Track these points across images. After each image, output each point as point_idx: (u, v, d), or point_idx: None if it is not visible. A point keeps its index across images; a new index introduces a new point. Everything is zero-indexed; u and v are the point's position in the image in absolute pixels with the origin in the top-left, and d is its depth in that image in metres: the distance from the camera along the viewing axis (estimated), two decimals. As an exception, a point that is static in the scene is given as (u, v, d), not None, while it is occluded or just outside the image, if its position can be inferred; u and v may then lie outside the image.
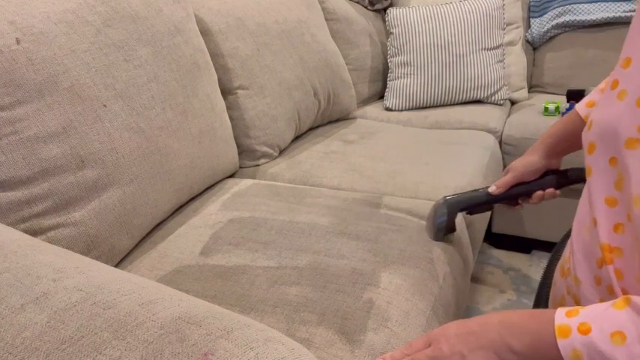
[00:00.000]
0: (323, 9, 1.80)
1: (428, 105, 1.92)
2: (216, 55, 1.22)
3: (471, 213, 0.95)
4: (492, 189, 0.91)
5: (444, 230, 0.93)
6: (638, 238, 0.50)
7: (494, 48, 1.91)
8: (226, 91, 1.25)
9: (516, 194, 0.90)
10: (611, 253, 0.55)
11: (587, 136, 0.57)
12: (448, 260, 0.91)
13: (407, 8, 1.93)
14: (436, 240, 0.93)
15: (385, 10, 2.15)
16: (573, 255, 0.61)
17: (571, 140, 0.84)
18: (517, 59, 2.07)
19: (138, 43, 0.92)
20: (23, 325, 0.43)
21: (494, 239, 1.92)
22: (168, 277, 0.81)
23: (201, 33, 1.18)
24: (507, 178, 0.90)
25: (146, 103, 0.90)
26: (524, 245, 1.87)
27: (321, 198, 1.07)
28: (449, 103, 1.93)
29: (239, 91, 1.26)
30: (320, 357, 0.64)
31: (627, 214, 0.52)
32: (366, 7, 2.12)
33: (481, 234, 1.27)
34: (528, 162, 0.88)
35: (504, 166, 1.70)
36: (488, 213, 1.46)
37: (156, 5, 0.99)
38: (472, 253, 1.12)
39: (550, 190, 0.89)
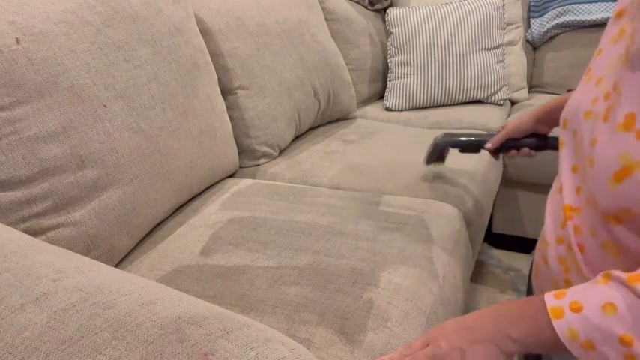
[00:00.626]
0: (323, 9, 1.80)
1: (428, 105, 1.92)
2: (216, 55, 1.22)
3: (461, 151, 1.10)
4: (489, 146, 1.04)
5: (434, 156, 1.10)
6: (591, 196, 0.57)
7: (494, 48, 1.91)
8: (226, 91, 1.25)
9: (505, 147, 1.03)
10: (571, 212, 0.62)
11: (562, 115, 0.67)
12: (448, 260, 0.91)
13: (407, 8, 1.93)
14: (426, 164, 1.13)
15: (385, 10, 2.15)
16: (545, 221, 0.68)
17: (559, 115, 0.91)
18: (517, 59, 2.07)
19: (138, 43, 0.92)
20: (23, 325, 0.43)
21: (494, 239, 1.92)
22: (168, 277, 0.81)
23: (201, 33, 1.18)
24: (500, 136, 1.03)
25: (146, 103, 0.90)
26: (524, 245, 1.87)
27: (320, 198, 1.07)
28: (449, 103, 1.93)
29: (239, 91, 1.26)
30: (320, 357, 0.64)
31: (583, 177, 0.59)
32: (366, 7, 2.12)
33: (481, 234, 1.27)
34: (519, 122, 1.00)
35: (504, 166, 1.70)
36: (489, 213, 1.46)
37: (156, 5, 0.99)
38: (472, 253, 1.12)
39: (525, 150, 1.01)
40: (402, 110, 1.92)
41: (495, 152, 1.05)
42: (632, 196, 0.52)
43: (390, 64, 1.94)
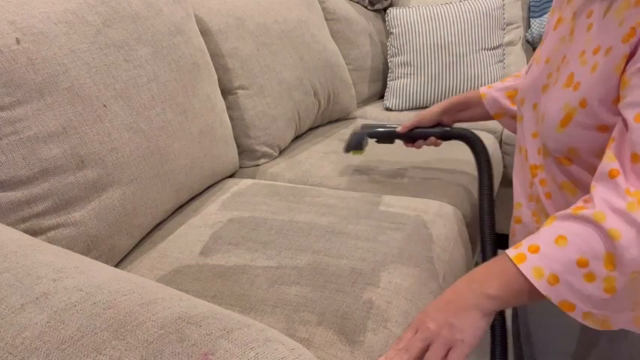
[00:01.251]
0: (323, 9, 1.80)
1: (428, 105, 1.92)
2: (216, 55, 1.22)
3: (378, 141, 1.18)
4: (399, 129, 1.13)
5: (352, 146, 1.17)
6: (544, 146, 0.69)
7: (494, 48, 1.91)
8: (226, 91, 1.25)
9: (412, 136, 1.12)
10: (536, 169, 0.73)
11: (518, 97, 0.79)
12: (448, 260, 0.91)
13: (407, 8, 1.93)
14: (345, 152, 1.20)
15: (385, 10, 2.15)
16: (513, 188, 0.79)
17: (464, 109, 1.08)
18: (517, 59, 2.07)
19: (138, 43, 0.92)
20: (23, 325, 0.43)
21: (495, 239, 1.92)
22: (168, 277, 0.81)
23: (201, 33, 1.18)
24: (410, 122, 1.12)
25: (146, 103, 0.90)
26: (524, 245, 1.87)
27: (320, 197, 1.07)
28: (449, 103, 1.93)
29: (239, 91, 1.26)
30: (320, 357, 0.64)
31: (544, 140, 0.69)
32: (366, 7, 2.12)
33: (481, 234, 1.27)
34: (427, 112, 1.10)
35: (504, 166, 1.70)
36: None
37: (156, 5, 0.99)
38: (472, 253, 1.12)
39: (432, 139, 1.11)
40: (402, 110, 1.92)
41: (406, 140, 1.14)
42: (575, 136, 0.63)
43: (390, 64, 1.94)
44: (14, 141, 0.70)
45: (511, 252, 0.58)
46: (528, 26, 2.17)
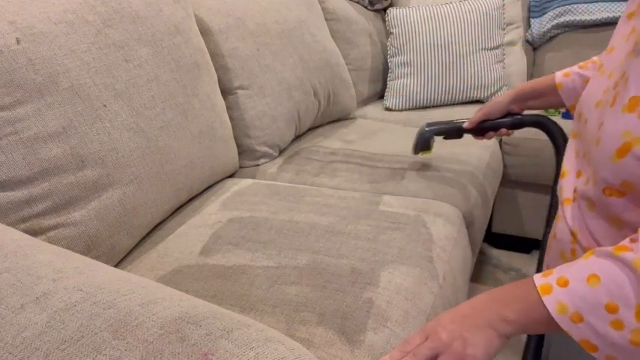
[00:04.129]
0: (323, 9, 1.80)
1: (428, 105, 1.92)
2: (216, 55, 1.22)
3: (445, 138, 1.17)
4: (466, 125, 1.10)
5: (420, 146, 1.17)
6: (593, 173, 0.62)
7: (494, 48, 1.91)
8: (226, 91, 1.25)
9: (481, 129, 1.09)
10: (575, 193, 0.67)
11: (577, 108, 0.71)
12: (448, 259, 0.91)
13: (407, 8, 1.93)
14: (414, 153, 1.20)
15: (385, 10, 2.15)
16: (558, 199, 0.73)
17: (536, 97, 1.01)
18: (517, 59, 2.07)
19: (138, 43, 0.92)
20: (23, 325, 0.43)
21: (494, 239, 1.92)
22: (168, 277, 0.81)
23: (201, 33, 1.18)
24: (477, 116, 1.08)
25: (146, 103, 0.90)
26: (524, 245, 1.87)
27: (320, 197, 1.07)
28: (449, 103, 1.93)
29: (239, 91, 1.26)
30: (320, 357, 0.64)
31: (588, 160, 0.64)
32: (366, 7, 2.12)
33: (481, 234, 1.27)
34: (494, 103, 1.06)
35: (504, 166, 1.70)
36: (489, 213, 1.46)
37: (156, 5, 0.99)
38: (472, 252, 1.12)
39: (502, 130, 1.07)
40: (401, 110, 1.92)
41: (475, 133, 1.11)
42: (632, 169, 0.56)
43: (390, 64, 1.94)
44: (14, 141, 0.70)
45: (538, 280, 0.55)
46: (528, 26, 2.17)
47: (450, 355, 0.55)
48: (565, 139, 1.01)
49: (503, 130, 1.07)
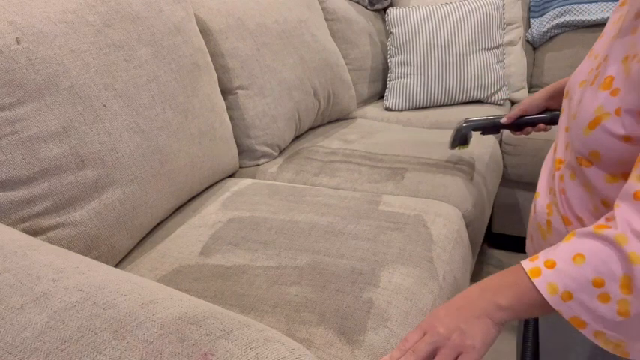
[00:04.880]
0: (323, 9, 1.80)
1: (428, 105, 1.92)
2: (216, 55, 1.22)
3: (483, 133, 1.21)
4: (504, 120, 1.12)
5: (458, 141, 1.22)
6: (569, 143, 0.68)
7: (494, 48, 1.91)
8: (226, 91, 1.25)
9: (518, 124, 1.10)
10: (560, 164, 0.71)
11: (565, 88, 0.76)
12: (448, 259, 0.91)
13: (407, 8, 1.93)
14: (451, 148, 1.24)
15: (385, 10, 2.15)
16: (540, 177, 0.78)
17: None
18: (517, 59, 2.07)
19: (138, 43, 0.92)
20: (23, 325, 0.43)
21: (494, 239, 1.92)
22: (168, 277, 0.81)
23: (201, 33, 1.18)
24: (515, 112, 1.10)
25: (146, 103, 0.90)
26: (524, 245, 1.87)
27: (320, 197, 1.07)
28: (449, 103, 1.93)
29: (239, 91, 1.26)
30: (320, 357, 0.64)
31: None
32: (366, 7, 2.12)
33: (481, 234, 1.27)
34: (533, 99, 1.06)
35: (504, 166, 1.70)
36: (489, 213, 1.46)
37: (156, 5, 0.99)
38: (472, 252, 1.12)
39: (540, 125, 1.08)
40: (402, 110, 1.92)
41: (513, 129, 1.11)
42: (600, 141, 0.61)
43: (390, 64, 1.94)
44: (14, 141, 0.70)
45: (527, 264, 0.57)
46: (528, 26, 2.17)
47: (450, 348, 0.57)
48: None
49: (541, 126, 1.08)
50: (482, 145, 1.46)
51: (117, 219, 0.83)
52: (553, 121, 1.07)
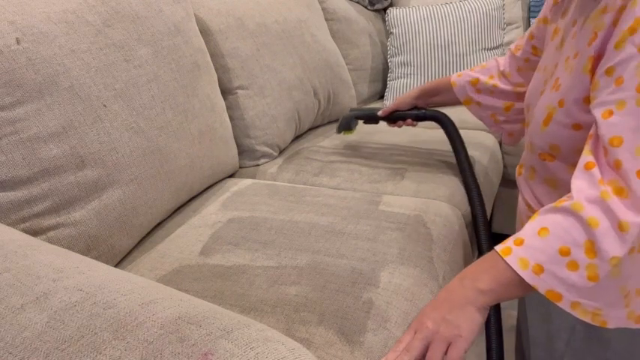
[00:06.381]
0: (323, 9, 1.80)
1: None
2: (216, 55, 1.22)
3: (365, 122, 1.36)
4: (380, 113, 1.27)
5: (342, 127, 1.34)
6: (530, 143, 0.77)
7: (495, 48, 1.91)
8: (226, 91, 1.25)
9: (392, 118, 1.27)
10: (520, 168, 0.81)
11: (524, 101, 0.85)
12: (448, 259, 0.91)
13: (407, 8, 1.93)
14: (337, 133, 1.37)
15: (385, 10, 2.15)
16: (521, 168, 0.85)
17: (436, 94, 1.21)
18: (517, 59, 2.07)
19: (138, 43, 0.92)
20: (23, 325, 0.43)
21: (495, 239, 1.92)
22: (168, 277, 0.81)
23: (201, 33, 1.18)
24: (389, 106, 1.26)
25: (146, 103, 0.90)
26: (524, 245, 1.87)
27: (320, 197, 1.07)
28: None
29: (239, 91, 1.26)
30: (320, 357, 0.64)
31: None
32: (366, 7, 2.12)
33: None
34: (404, 97, 1.24)
35: (504, 166, 1.70)
36: (489, 213, 1.46)
37: (156, 5, 0.99)
38: (472, 252, 1.12)
39: (409, 120, 1.24)
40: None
41: (388, 121, 1.28)
42: (555, 133, 0.68)
43: (390, 64, 1.94)
44: (14, 141, 0.70)
45: (499, 247, 0.61)
46: (528, 26, 2.17)
47: (439, 341, 0.59)
48: (457, 132, 1.20)
49: (409, 121, 1.24)
50: (482, 145, 1.46)
51: (117, 219, 0.83)
52: (418, 117, 1.24)
